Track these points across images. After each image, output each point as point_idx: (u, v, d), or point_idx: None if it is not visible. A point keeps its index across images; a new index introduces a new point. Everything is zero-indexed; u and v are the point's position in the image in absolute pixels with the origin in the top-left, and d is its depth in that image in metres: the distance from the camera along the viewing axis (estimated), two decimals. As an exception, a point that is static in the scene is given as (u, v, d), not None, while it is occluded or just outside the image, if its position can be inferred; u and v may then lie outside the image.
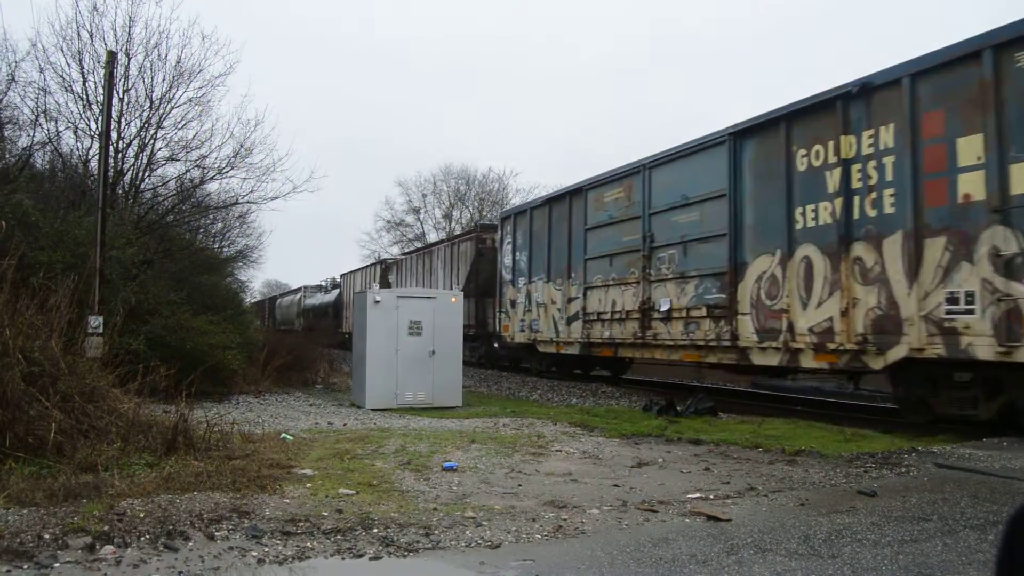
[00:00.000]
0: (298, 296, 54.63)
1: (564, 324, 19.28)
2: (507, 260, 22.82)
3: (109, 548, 4.71)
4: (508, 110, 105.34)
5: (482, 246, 25.87)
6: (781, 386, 18.06)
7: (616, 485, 7.04)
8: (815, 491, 6.85)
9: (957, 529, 5.42)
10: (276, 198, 20.96)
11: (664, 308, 15.18)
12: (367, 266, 42.71)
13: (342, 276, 46.64)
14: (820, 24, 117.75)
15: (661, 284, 15.47)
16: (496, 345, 25.46)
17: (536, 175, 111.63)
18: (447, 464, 7.80)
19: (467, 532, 5.31)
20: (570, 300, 19.03)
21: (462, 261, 26.91)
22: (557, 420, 12.00)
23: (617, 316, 16.93)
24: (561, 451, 8.97)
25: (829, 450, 8.97)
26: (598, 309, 17.73)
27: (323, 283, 53.55)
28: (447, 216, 57.97)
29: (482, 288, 25.27)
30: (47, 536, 4.87)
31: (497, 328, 23.61)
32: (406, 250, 51.20)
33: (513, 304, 22.32)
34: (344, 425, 11.37)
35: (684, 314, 14.64)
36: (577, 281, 18.69)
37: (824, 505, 6.25)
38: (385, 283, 34.22)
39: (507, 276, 22.79)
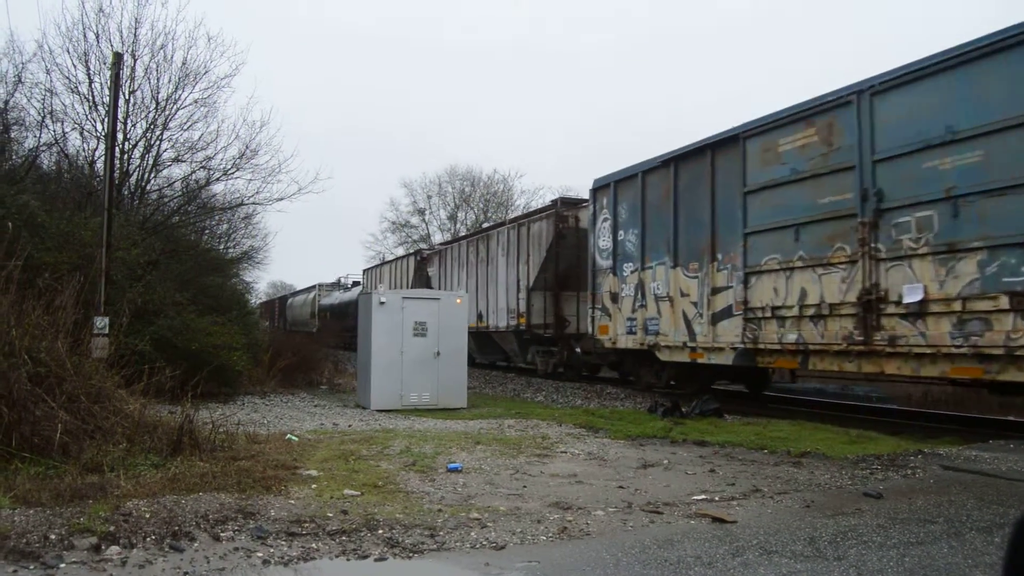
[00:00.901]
0: (312, 295, 50.85)
1: (705, 324, 14.32)
2: (604, 241, 17.74)
3: (115, 549, 4.72)
4: (508, 110, 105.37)
5: (563, 226, 20.66)
6: (785, 387, 18.00)
7: (621, 487, 7.04)
8: (821, 493, 6.84)
9: (963, 531, 5.40)
10: (282, 199, 21.03)
11: (912, 299, 10.51)
12: (397, 259, 38.55)
13: (365, 272, 43.69)
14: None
15: (902, 263, 10.66)
16: (579, 350, 20.88)
17: (539, 176, 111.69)
18: (452, 465, 7.80)
19: (472, 533, 5.31)
20: (715, 291, 14.12)
21: (534, 246, 21.58)
22: (562, 421, 11.99)
23: (810, 312, 12.03)
24: (566, 452, 8.97)
25: (835, 452, 8.95)
26: (772, 302, 12.74)
27: (341, 280, 50.97)
28: (452, 217, 58.03)
29: (561, 279, 20.86)
30: (53, 536, 4.88)
31: (590, 329, 18.36)
32: (449, 237, 48.15)
33: (615, 298, 17.13)
34: (349, 426, 11.38)
35: (956, 307, 9.86)
36: (729, 265, 13.80)
37: (830, 507, 6.23)
38: (423, 280, 30.76)
39: (604, 262, 17.76)
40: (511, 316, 22.53)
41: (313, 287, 51.70)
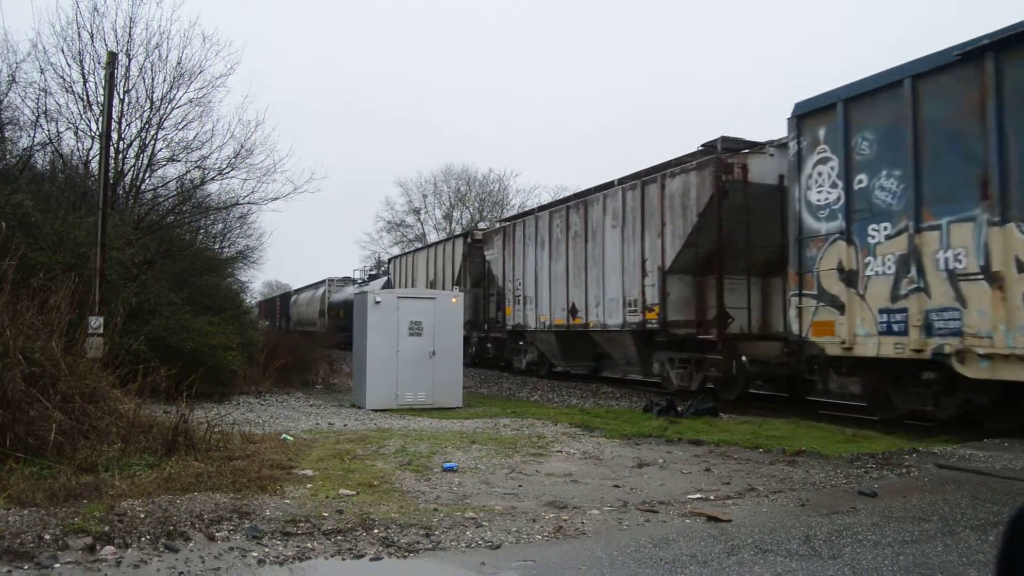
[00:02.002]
0: (321, 291, 46.09)
1: None
2: (820, 194, 12.05)
3: (110, 549, 4.71)
4: (509, 110, 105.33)
5: (727, 177, 14.46)
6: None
7: (617, 486, 7.04)
8: (816, 492, 6.85)
9: (958, 530, 5.42)
10: (277, 199, 21.02)
11: None
12: (437, 244, 31.34)
13: (392, 262, 37.40)
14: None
15: None
16: (744, 359, 15.11)
17: (537, 176, 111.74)
18: (447, 465, 7.80)
19: (467, 533, 5.31)
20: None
21: (674, 210, 15.50)
22: (558, 421, 12.00)
23: None
24: (562, 452, 8.97)
25: (830, 451, 8.97)
26: None
27: (357, 274, 47.28)
28: (447, 216, 58.02)
29: (716, 258, 14.94)
30: (48, 537, 4.87)
31: (796, 327, 12.41)
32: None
33: (851, 279, 11.45)
34: (344, 426, 11.38)
35: None
36: None
37: (825, 506, 6.25)
38: (476, 268, 25.98)
39: (821, 225, 12.03)
40: (630, 310, 16.64)
41: (321, 283, 47.36)
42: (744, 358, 14.96)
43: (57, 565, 4.44)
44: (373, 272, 46.07)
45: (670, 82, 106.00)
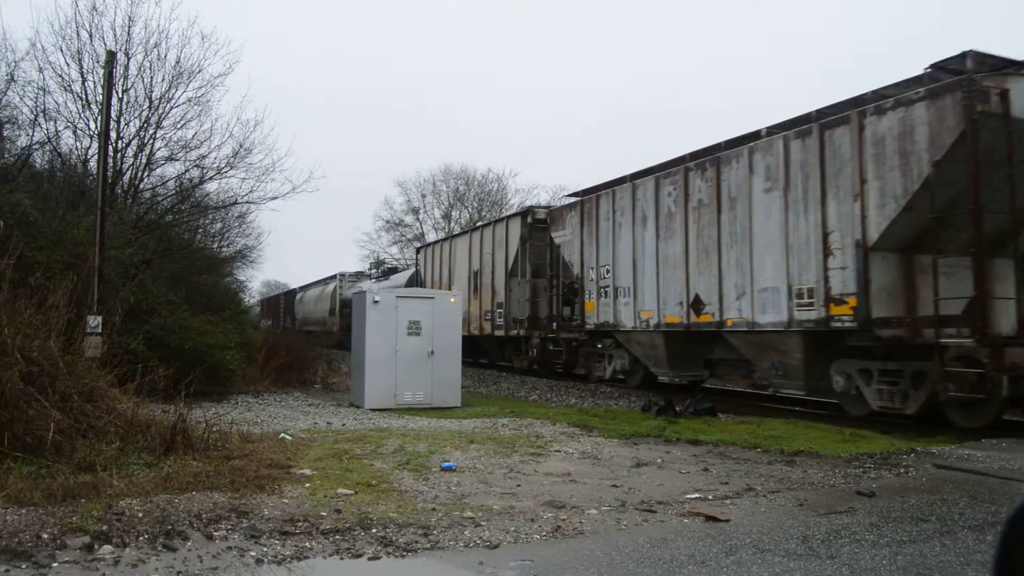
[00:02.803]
0: (331, 287, 42.10)
1: None
2: None
3: (107, 548, 4.71)
4: (508, 110, 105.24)
5: (983, 108, 10.21)
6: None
7: (615, 485, 7.05)
8: (814, 491, 6.86)
9: (955, 530, 5.42)
10: (275, 198, 21.07)
11: None
12: (484, 226, 26.07)
13: (422, 251, 32.16)
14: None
15: None
16: None
17: (534, 175, 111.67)
18: (446, 464, 7.80)
19: (466, 532, 5.32)
20: None
21: (880, 162, 11.29)
22: (556, 420, 12.00)
23: None
24: (560, 451, 8.97)
25: (828, 451, 8.98)
26: None
27: (371, 268, 44.06)
28: (446, 216, 57.90)
29: (927, 227, 10.99)
30: (45, 536, 4.87)
31: None
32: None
33: None
34: (343, 425, 11.37)
35: None
36: None
37: (823, 505, 6.25)
38: (540, 255, 21.98)
39: None
40: (800, 303, 12.47)
41: (331, 278, 43.51)
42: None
43: (55, 564, 4.44)
44: (389, 266, 42.99)
45: (667, 76, 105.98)
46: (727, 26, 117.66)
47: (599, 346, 19.25)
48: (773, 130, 13.78)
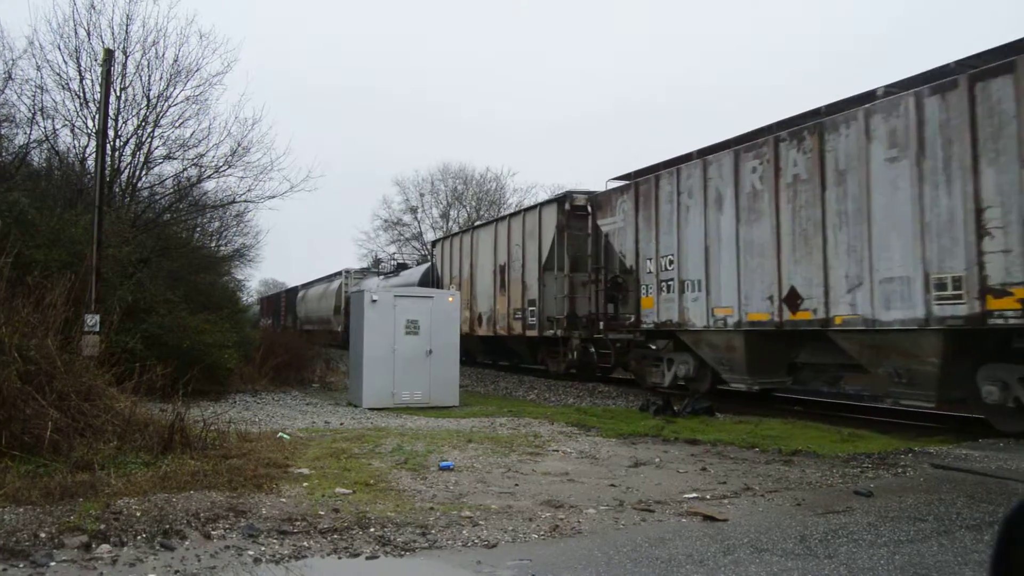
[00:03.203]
0: (336, 284, 39.72)
1: None
2: None
3: (105, 547, 4.71)
4: (507, 109, 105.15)
5: None
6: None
7: (613, 485, 7.05)
8: (811, 491, 6.86)
9: (953, 529, 5.43)
10: (273, 197, 21.02)
11: None
12: (512, 215, 23.52)
13: (438, 244, 29.72)
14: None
15: None
16: None
17: (531, 174, 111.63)
18: (444, 463, 7.80)
19: (464, 531, 5.31)
20: None
21: None
22: (554, 420, 12.00)
23: None
24: (558, 451, 8.97)
25: (826, 450, 8.99)
26: None
27: (378, 264, 41.45)
28: (444, 215, 57.86)
29: None
30: (43, 535, 4.86)
31: None
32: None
33: None
34: (341, 424, 11.37)
35: None
36: None
37: (820, 505, 6.26)
38: (579, 246, 19.64)
39: None
40: (940, 296, 10.29)
41: (336, 275, 41.52)
42: None
43: (52, 563, 4.43)
44: (400, 262, 40.89)
45: (665, 69, 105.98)
46: (725, 22, 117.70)
47: (655, 347, 17.03)
48: (892, 89, 11.49)
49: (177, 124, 19.83)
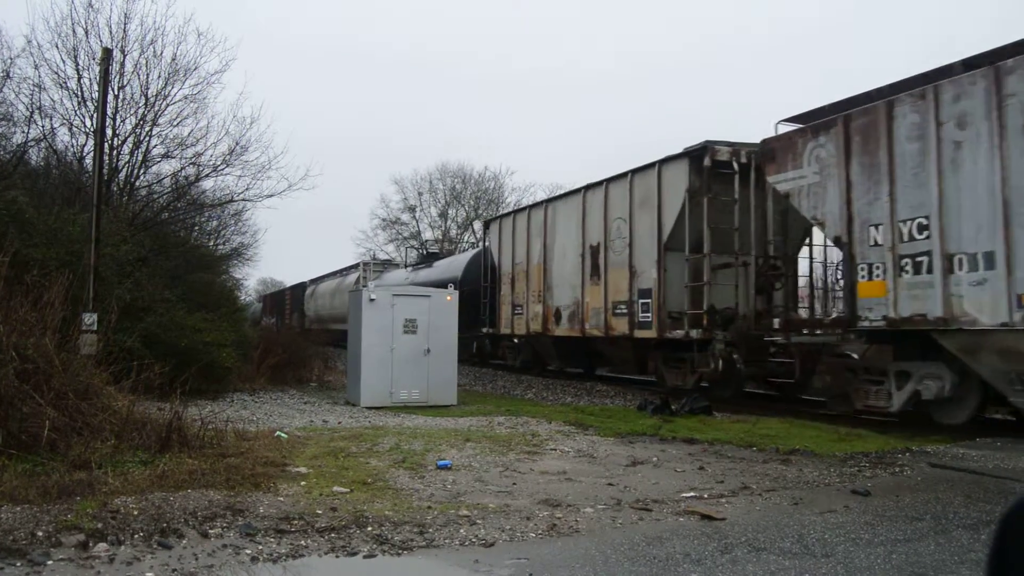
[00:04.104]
0: (353, 278, 35.47)
1: None
2: None
3: (103, 546, 4.70)
4: (506, 108, 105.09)
5: None
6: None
7: (610, 484, 7.05)
8: (809, 490, 6.87)
9: (950, 528, 5.44)
10: (271, 196, 21.03)
11: None
12: (613, 178, 17.45)
13: (495, 223, 24.15)
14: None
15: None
16: None
17: (530, 174, 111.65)
18: (441, 463, 7.80)
19: (461, 530, 5.32)
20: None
21: None
22: (552, 419, 12.00)
23: None
24: (556, 450, 8.98)
25: (823, 449, 9.00)
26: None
27: (409, 254, 37.74)
28: (443, 215, 57.86)
29: None
30: (40, 533, 4.86)
31: None
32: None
33: None
34: (339, 423, 11.37)
35: None
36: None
37: (818, 504, 6.27)
38: (720, 214, 14.48)
39: None
40: None
41: (352, 267, 38.32)
42: None
43: (50, 562, 4.43)
44: (433, 251, 36.27)
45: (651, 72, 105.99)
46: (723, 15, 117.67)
47: (852, 355, 12.49)
48: None
49: (175, 123, 19.86)
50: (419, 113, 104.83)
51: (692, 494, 6.64)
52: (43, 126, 19.09)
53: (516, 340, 23.15)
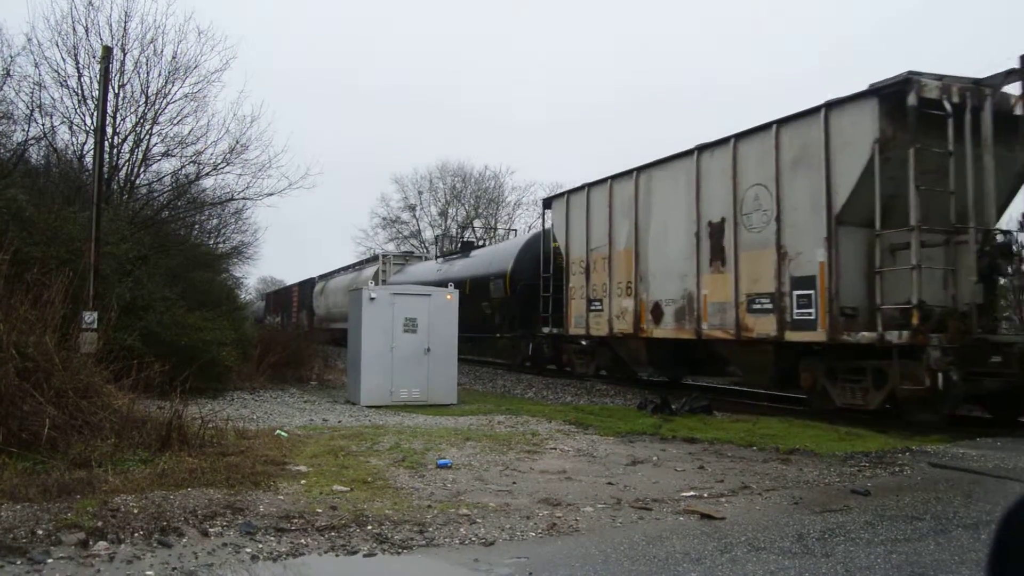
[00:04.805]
0: (370, 272, 32.92)
1: None
2: None
3: (103, 544, 4.70)
4: (507, 108, 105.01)
5: None
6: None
7: (610, 483, 7.05)
8: (809, 490, 6.87)
9: (950, 528, 5.44)
10: (271, 194, 20.96)
11: None
12: (743, 134, 13.61)
13: (560, 199, 19.87)
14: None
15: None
16: None
17: (530, 173, 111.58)
18: (441, 461, 7.80)
19: (461, 529, 5.32)
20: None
21: None
22: (552, 418, 12.01)
23: None
24: (556, 449, 8.98)
25: (823, 449, 8.99)
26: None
27: (440, 243, 34.11)
28: (443, 213, 57.91)
29: None
30: (40, 532, 4.86)
31: None
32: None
33: None
34: (339, 422, 11.37)
35: None
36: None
37: (818, 504, 6.27)
38: (933, 174, 10.64)
39: None
40: None
41: (370, 260, 35.94)
42: None
43: (50, 560, 4.43)
44: (468, 241, 31.83)
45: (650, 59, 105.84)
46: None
47: None
48: None
49: (175, 121, 19.87)
50: (419, 112, 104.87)
51: (692, 493, 6.64)
52: (43, 124, 19.12)
53: (583, 343, 19.61)
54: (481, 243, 31.30)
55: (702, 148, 14.58)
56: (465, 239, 36.60)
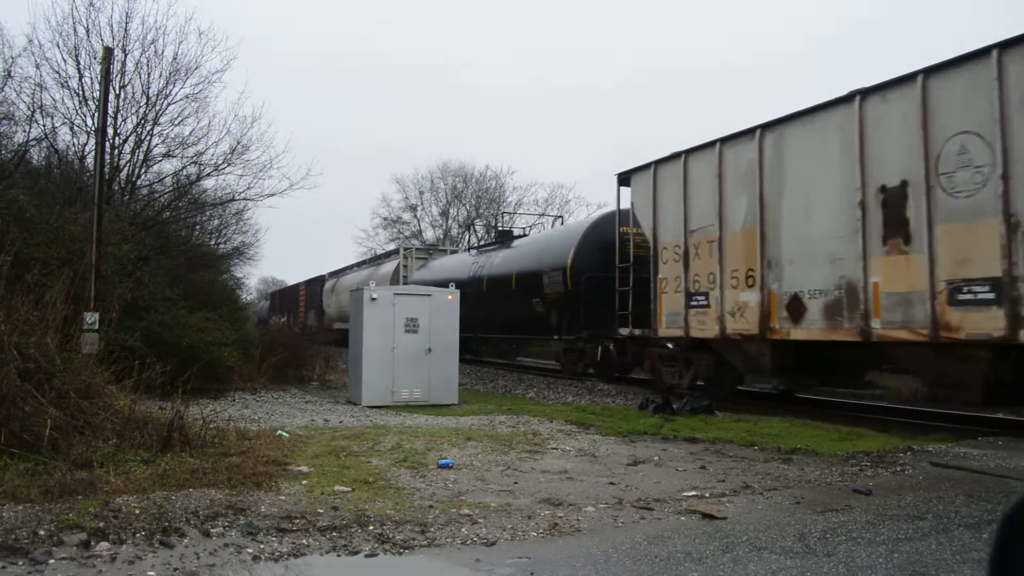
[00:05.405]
0: (389, 268, 30.99)
1: None
2: None
3: (104, 545, 4.71)
4: (507, 107, 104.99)
5: None
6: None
7: (612, 483, 7.05)
8: (810, 489, 6.87)
9: (952, 528, 5.43)
10: (273, 195, 20.96)
11: None
12: (945, 65, 9.91)
13: (639, 173, 16.05)
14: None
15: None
16: None
17: (530, 173, 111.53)
18: (443, 462, 7.80)
19: (463, 529, 5.32)
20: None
21: None
22: (553, 418, 12.00)
23: None
24: (557, 449, 8.98)
25: (825, 449, 8.99)
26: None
27: (474, 234, 32.87)
28: (444, 214, 57.94)
29: None
30: (42, 532, 4.87)
31: None
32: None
33: None
34: (340, 422, 11.37)
35: None
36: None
37: (819, 503, 6.26)
38: None
39: None
40: None
41: (390, 254, 33.24)
42: None
43: (52, 561, 4.43)
44: (505, 230, 27.29)
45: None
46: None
47: None
48: None
49: (176, 122, 19.87)
50: (419, 113, 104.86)
51: (693, 493, 6.64)
52: (44, 125, 19.14)
53: (670, 346, 15.88)
54: (523, 231, 26.94)
55: (865, 92, 11.15)
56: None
